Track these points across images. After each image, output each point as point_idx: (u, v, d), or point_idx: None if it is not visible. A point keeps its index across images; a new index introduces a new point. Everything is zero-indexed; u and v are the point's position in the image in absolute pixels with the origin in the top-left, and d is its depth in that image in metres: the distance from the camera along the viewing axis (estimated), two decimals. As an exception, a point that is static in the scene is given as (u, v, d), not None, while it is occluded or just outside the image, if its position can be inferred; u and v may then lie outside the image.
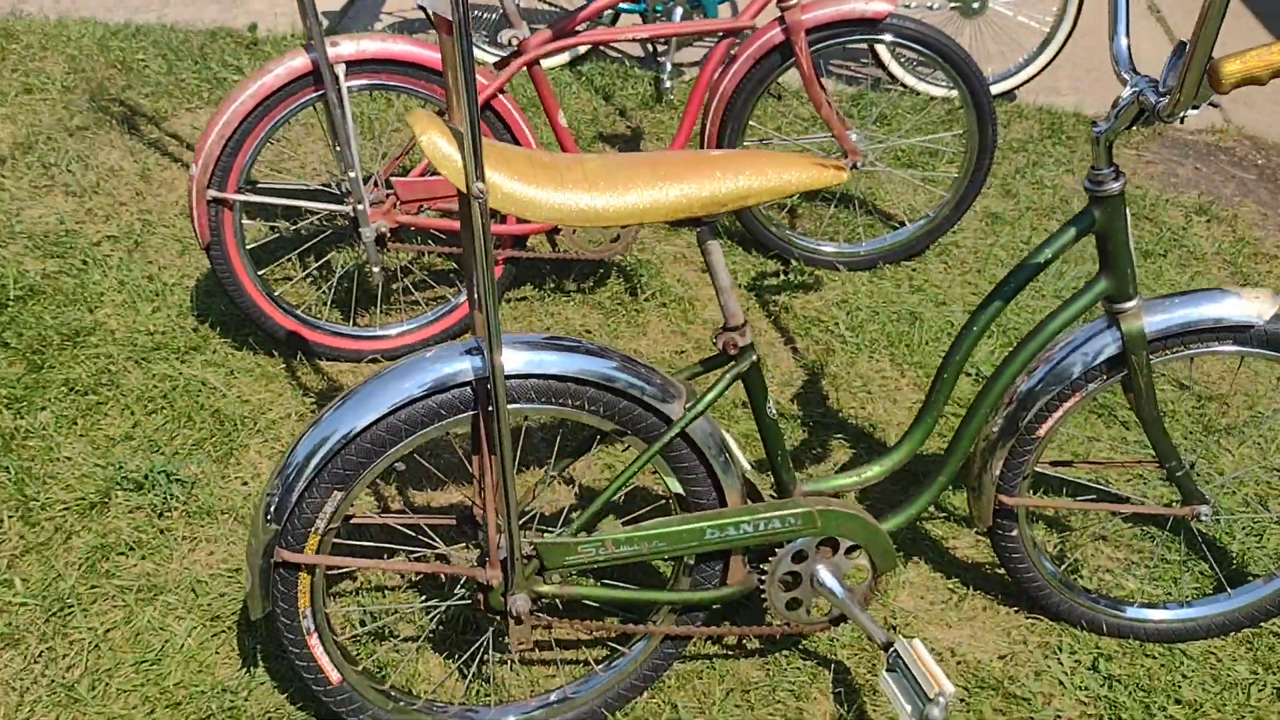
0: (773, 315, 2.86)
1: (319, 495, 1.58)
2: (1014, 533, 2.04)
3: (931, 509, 2.34)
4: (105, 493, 2.26)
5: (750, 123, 2.80)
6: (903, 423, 2.54)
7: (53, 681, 1.92)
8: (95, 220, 3.02)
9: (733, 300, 1.65)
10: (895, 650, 1.84)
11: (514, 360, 1.58)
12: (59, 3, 4.10)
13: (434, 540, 2.03)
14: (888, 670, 1.86)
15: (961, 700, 2.01)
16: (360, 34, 2.35)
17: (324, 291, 2.83)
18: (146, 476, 2.28)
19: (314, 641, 1.70)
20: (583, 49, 3.81)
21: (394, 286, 2.84)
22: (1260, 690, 2.06)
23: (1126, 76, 1.66)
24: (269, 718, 1.89)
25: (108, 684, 1.92)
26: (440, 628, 2.06)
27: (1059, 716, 2.00)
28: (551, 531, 1.97)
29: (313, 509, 1.59)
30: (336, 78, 2.31)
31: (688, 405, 1.67)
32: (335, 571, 2.09)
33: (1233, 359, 1.84)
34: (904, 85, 3.76)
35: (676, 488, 1.75)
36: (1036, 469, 2.25)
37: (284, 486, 1.58)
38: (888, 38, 2.67)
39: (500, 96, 2.46)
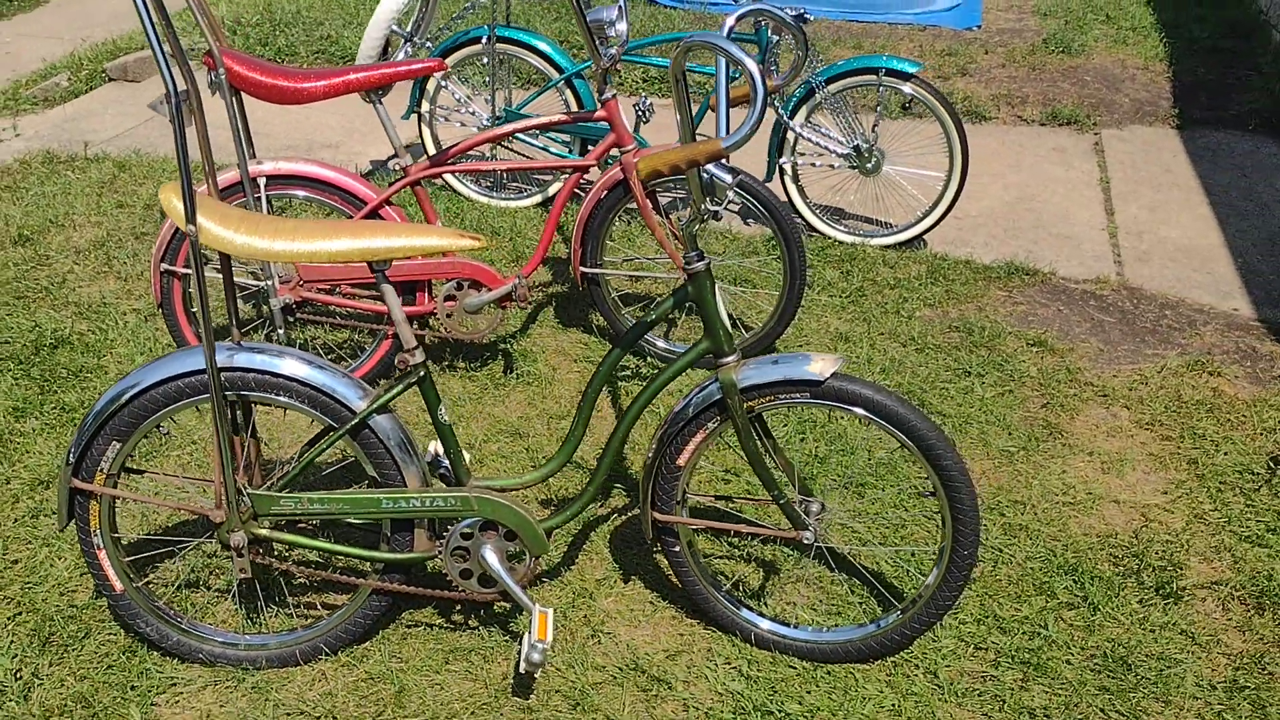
0: (615, 396, 3.46)
1: (103, 443, 2.30)
2: (677, 548, 2.54)
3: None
4: (51, 475, 3.06)
5: (608, 242, 3.46)
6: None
7: (-36, 589, 2.70)
8: (130, 298, 3.95)
9: (405, 329, 2.30)
10: (532, 616, 2.39)
11: (239, 359, 2.28)
12: (171, 144, 5.23)
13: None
14: (526, 631, 2.40)
15: (613, 677, 2.50)
16: (279, 156, 3.20)
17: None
18: (84, 468, 3.07)
19: (102, 555, 2.40)
20: (551, 190, 4.61)
21: (300, 340, 3.61)
22: (880, 705, 2.45)
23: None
24: (95, 623, 2.59)
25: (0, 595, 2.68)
26: (210, 569, 2.73)
27: (691, 698, 2.45)
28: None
29: (99, 453, 2.31)
30: (258, 186, 3.15)
31: (370, 404, 2.32)
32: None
33: (841, 412, 2.35)
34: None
35: (371, 471, 2.38)
36: (702, 499, 2.76)
37: (80, 434, 2.31)
38: (708, 179, 3.31)
39: (387, 207, 3.24)
